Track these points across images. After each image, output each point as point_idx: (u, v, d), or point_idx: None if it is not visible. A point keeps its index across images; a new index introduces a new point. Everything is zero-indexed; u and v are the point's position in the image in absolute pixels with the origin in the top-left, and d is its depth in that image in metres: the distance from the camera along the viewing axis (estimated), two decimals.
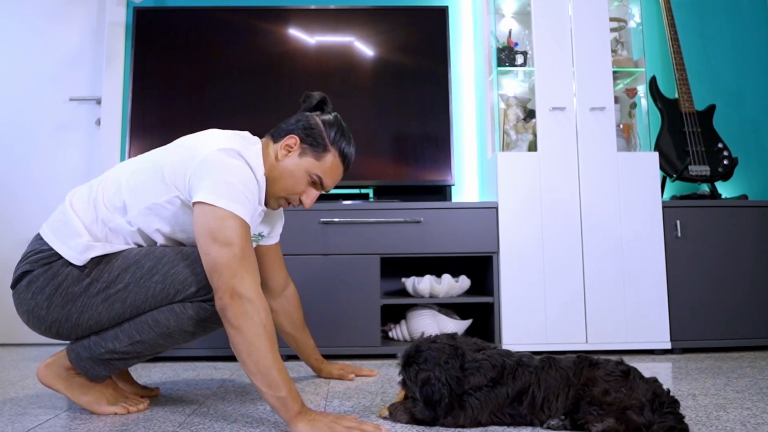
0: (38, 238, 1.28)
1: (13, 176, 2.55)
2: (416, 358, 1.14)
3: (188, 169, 1.19)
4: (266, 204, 1.35)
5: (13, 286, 1.26)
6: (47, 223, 1.29)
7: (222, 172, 1.16)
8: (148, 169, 1.25)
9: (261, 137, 1.36)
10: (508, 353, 1.18)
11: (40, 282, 1.22)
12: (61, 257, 1.23)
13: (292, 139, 1.30)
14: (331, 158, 1.32)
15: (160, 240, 1.29)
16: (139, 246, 1.29)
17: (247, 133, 1.33)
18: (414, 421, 1.15)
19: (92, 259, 1.23)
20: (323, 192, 1.37)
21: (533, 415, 1.10)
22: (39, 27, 2.61)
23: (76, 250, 1.21)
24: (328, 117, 1.36)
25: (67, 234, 1.24)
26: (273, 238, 1.53)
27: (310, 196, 1.34)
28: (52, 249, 1.23)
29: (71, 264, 1.22)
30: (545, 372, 1.12)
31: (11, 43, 2.60)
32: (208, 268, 1.12)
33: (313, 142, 1.31)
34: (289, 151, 1.30)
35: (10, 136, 2.56)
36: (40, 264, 1.23)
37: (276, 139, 1.33)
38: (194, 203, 1.15)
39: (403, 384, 1.18)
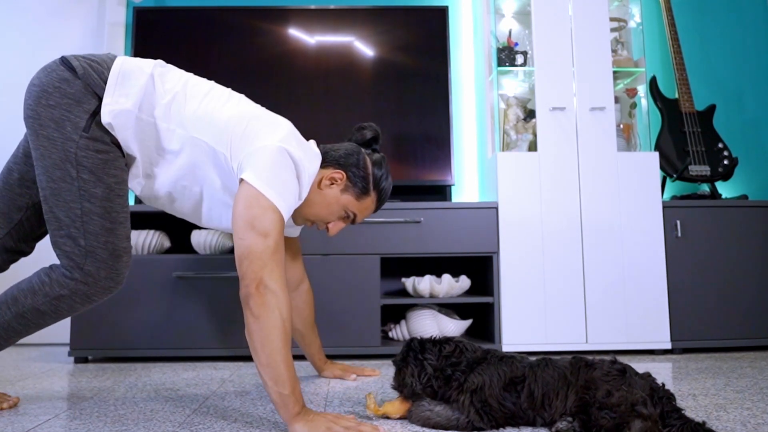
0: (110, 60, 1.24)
1: None
2: (404, 362, 1.19)
3: (251, 146, 1.18)
4: (293, 219, 1.40)
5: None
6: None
7: (279, 166, 1.17)
8: (223, 110, 1.24)
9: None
10: (494, 350, 1.22)
11: (55, 94, 1.18)
12: (95, 94, 1.19)
13: (339, 174, 1.33)
14: (370, 200, 1.38)
15: (166, 161, 1.26)
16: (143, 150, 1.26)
17: (313, 145, 1.35)
18: (429, 424, 1.15)
19: (104, 132, 1.19)
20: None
21: (534, 411, 1.11)
22: (39, 27, 2.61)
23: (112, 105, 1.18)
24: (377, 157, 1.39)
25: (124, 85, 1.20)
26: (294, 231, 1.56)
27: (338, 226, 1.39)
28: (102, 84, 1.20)
29: (93, 113, 1.19)
30: (541, 368, 1.14)
31: (11, 42, 2.60)
32: (239, 254, 1.12)
33: (358, 183, 1.34)
34: (333, 183, 1.34)
35: (10, 136, 2.56)
36: (78, 77, 1.19)
37: (324, 164, 1.35)
38: (242, 179, 1.16)
39: (400, 387, 1.19)
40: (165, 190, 1.30)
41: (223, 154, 1.21)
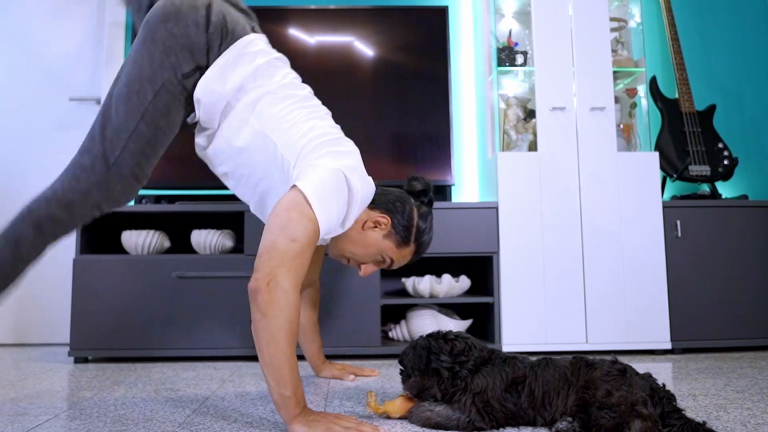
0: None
1: (13, 176, 2.54)
2: (410, 355, 1.20)
3: (315, 161, 1.22)
4: (328, 250, 1.41)
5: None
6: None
7: (333, 187, 1.19)
8: (304, 123, 1.28)
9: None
10: (498, 350, 1.23)
11: (182, 28, 1.24)
12: (207, 56, 1.26)
13: (385, 219, 1.34)
14: (408, 251, 1.38)
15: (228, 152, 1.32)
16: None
17: (371, 181, 1.36)
18: (429, 424, 1.14)
19: (192, 89, 1.28)
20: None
21: (535, 411, 1.11)
22: (39, 27, 2.61)
23: (210, 83, 1.26)
24: (424, 210, 1.40)
25: (231, 68, 1.27)
26: (324, 240, 1.57)
27: (370, 269, 1.39)
28: (217, 54, 1.26)
29: (196, 69, 1.26)
30: (542, 368, 1.14)
31: (11, 42, 2.60)
32: (261, 247, 1.13)
33: (401, 232, 1.35)
34: (376, 227, 1.34)
35: (10, 136, 2.56)
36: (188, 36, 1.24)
37: (371, 205, 1.36)
38: (294, 186, 1.18)
39: (406, 380, 1.20)
40: (224, 169, 1.36)
41: (288, 161, 1.24)
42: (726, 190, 2.59)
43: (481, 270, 2.28)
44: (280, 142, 1.25)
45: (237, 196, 1.45)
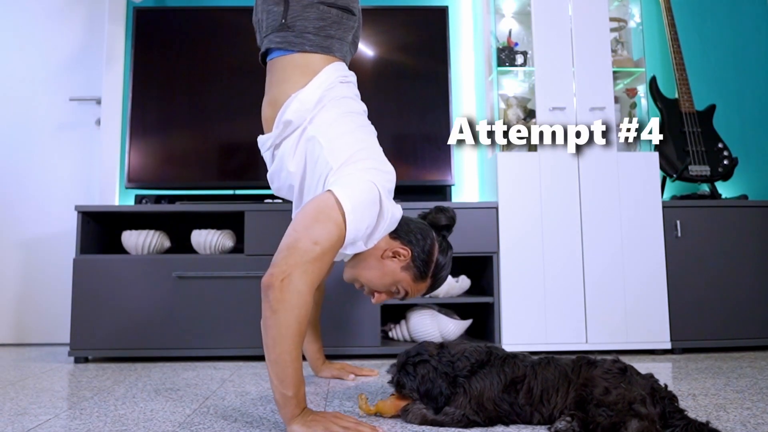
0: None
1: (13, 176, 2.54)
2: (409, 360, 1.20)
3: (355, 173, 1.24)
4: (344, 272, 1.40)
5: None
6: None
7: (368, 201, 1.20)
8: (355, 133, 1.36)
9: None
10: (500, 349, 1.23)
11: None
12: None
13: (405, 251, 1.31)
14: (424, 285, 1.36)
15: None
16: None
17: (399, 207, 1.36)
18: (426, 421, 1.15)
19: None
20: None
21: (532, 407, 1.12)
22: (39, 27, 2.61)
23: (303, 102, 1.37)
24: (445, 245, 1.38)
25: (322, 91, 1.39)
26: (343, 255, 1.56)
27: (382, 298, 1.38)
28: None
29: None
30: (542, 367, 1.14)
31: (11, 43, 2.60)
32: (283, 243, 1.12)
33: (420, 266, 1.32)
34: (396, 257, 1.32)
35: (10, 136, 2.56)
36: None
37: (393, 234, 1.34)
38: (328, 190, 1.18)
39: (398, 387, 1.20)
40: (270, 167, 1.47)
41: (330, 166, 1.25)
42: (726, 190, 2.59)
43: (480, 270, 2.28)
44: (327, 147, 1.28)
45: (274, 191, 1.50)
